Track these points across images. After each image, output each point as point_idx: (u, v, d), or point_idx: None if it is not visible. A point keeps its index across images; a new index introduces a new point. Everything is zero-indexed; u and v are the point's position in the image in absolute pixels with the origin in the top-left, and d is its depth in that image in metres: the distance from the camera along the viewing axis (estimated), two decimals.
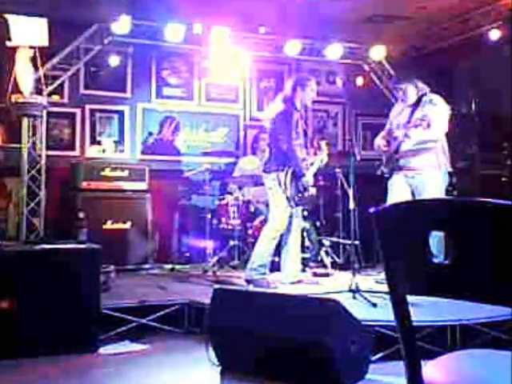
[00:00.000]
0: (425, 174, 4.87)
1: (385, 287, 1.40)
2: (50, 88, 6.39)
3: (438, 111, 4.75)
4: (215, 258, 6.07)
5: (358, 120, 8.23)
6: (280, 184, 4.93)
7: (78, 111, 6.85)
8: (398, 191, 4.93)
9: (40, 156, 6.24)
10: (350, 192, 4.84)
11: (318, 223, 6.49)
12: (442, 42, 7.10)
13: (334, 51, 7.37)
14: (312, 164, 5.18)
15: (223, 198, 6.48)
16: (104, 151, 6.93)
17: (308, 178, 5.04)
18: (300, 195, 5.00)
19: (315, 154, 5.30)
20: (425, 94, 4.90)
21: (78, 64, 6.63)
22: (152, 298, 4.46)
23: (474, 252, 1.20)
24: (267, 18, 6.52)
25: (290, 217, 5.08)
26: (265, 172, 5.14)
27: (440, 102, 4.83)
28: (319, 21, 6.53)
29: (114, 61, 6.85)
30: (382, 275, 4.87)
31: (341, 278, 5.44)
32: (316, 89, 5.21)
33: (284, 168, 4.94)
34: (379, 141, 5.12)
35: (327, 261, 6.09)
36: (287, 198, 4.94)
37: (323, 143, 5.30)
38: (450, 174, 4.99)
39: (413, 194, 4.93)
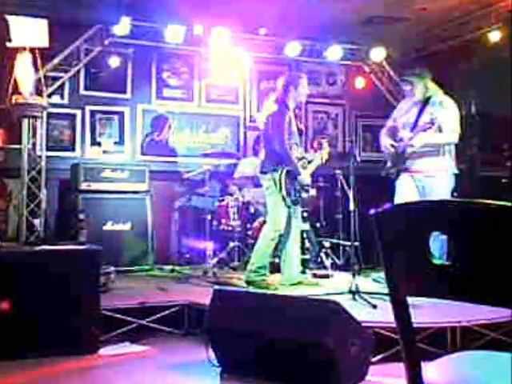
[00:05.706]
0: (433, 177, 4.82)
1: (383, 286, 1.40)
2: (50, 89, 6.40)
3: (449, 114, 4.69)
4: (215, 260, 6.07)
5: (357, 121, 8.23)
6: (276, 184, 4.92)
7: (78, 112, 6.85)
8: (405, 192, 4.88)
9: (40, 157, 6.24)
10: (350, 193, 4.84)
11: (317, 224, 6.49)
12: (442, 43, 7.10)
13: (334, 52, 7.37)
14: (310, 162, 5.16)
15: (223, 200, 6.47)
16: (104, 152, 6.93)
17: (304, 176, 5.03)
18: (298, 194, 5.00)
19: (315, 152, 5.28)
20: (434, 95, 4.84)
21: (78, 65, 6.65)
22: (152, 300, 4.45)
23: (474, 253, 1.19)
24: (267, 19, 6.53)
25: (290, 218, 5.08)
26: (261, 173, 5.14)
27: (451, 105, 4.76)
28: (319, 22, 6.54)
29: (114, 62, 6.86)
30: (381, 275, 4.86)
31: (341, 279, 5.42)
32: (307, 84, 5.19)
33: (278, 168, 4.93)
34: (385, 140, 5.06)
35: (327, 262, 6.09)
36: (283, 197, 4.93)
37: (324, 141, 5.28)
38: (455, 175, 4.96)
39: (420, 195, 4.90)
